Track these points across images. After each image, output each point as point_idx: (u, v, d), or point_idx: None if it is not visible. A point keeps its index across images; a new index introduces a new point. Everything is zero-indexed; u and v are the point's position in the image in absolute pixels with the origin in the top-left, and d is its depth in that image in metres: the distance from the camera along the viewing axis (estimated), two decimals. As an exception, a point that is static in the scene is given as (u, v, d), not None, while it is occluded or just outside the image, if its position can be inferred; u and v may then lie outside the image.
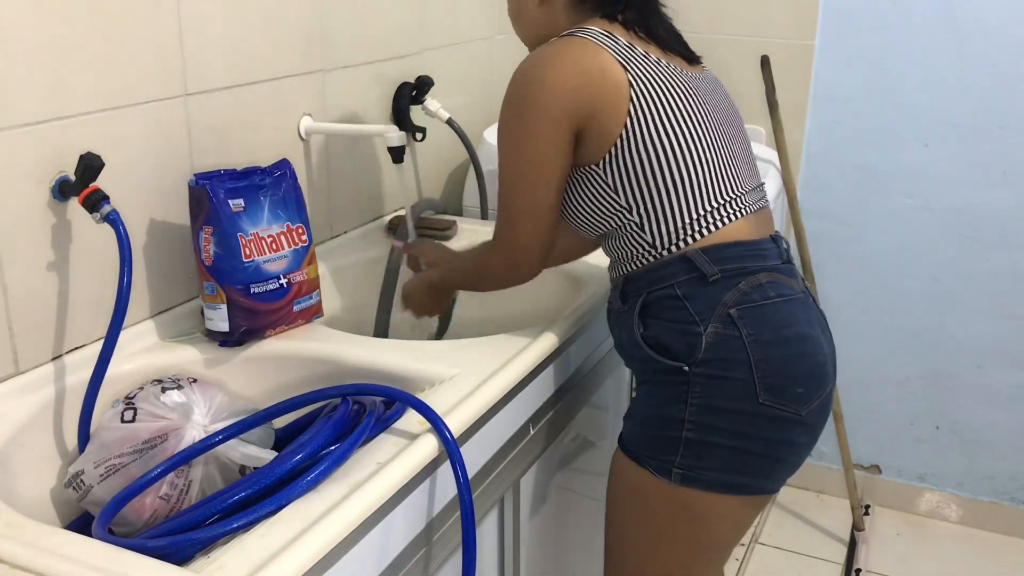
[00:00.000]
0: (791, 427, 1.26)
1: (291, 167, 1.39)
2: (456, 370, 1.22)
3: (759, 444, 1.26)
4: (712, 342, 1.23)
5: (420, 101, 1.87)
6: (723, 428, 1.24)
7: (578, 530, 1.66)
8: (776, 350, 1.24)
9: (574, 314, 1.43)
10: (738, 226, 1.27)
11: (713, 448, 1.25)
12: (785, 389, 1.24)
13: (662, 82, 1.25)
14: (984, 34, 2.23)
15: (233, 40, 1.42)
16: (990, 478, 2.53)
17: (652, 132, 1.23)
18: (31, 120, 1.13)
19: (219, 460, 1.11)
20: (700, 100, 1.28)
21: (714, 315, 1.23)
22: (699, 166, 1.25)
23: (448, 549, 1.14)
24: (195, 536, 0.91)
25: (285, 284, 1.33)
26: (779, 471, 1.31)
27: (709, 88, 1.33)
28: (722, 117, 1.31)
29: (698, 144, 1.25)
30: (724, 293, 1.24)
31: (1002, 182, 2.32)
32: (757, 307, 1.24)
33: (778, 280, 1.27)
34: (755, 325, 1.23)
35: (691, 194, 1.25)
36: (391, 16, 1.80)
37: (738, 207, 1.27)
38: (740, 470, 1.26)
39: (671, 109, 1.24)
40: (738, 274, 1.25)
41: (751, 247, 1.27)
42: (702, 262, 1.24)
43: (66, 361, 1.21)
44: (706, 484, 1.26)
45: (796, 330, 1.26)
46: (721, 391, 1.24)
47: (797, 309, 1.28)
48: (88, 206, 1.14)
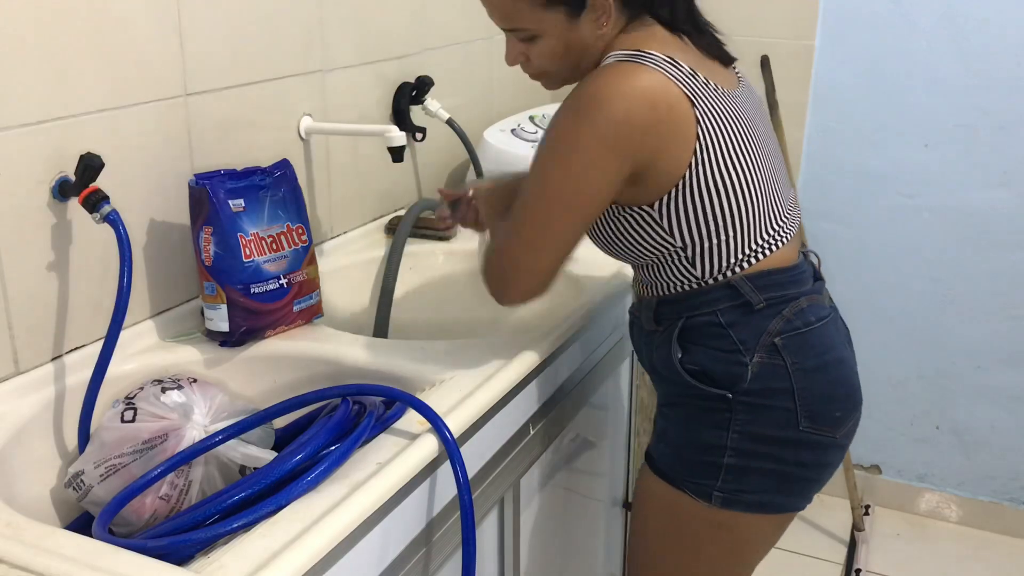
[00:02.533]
0: (826, 450, 1.27)
1: (291, 167, 1.39)
2: (456, 370, 1.22)
3: (796, 467, 1.26)
4: (758, 372, 1.22)
5: (420, 101, 1.87)
6: (764, 454, 1.24)
7: (578, 530, 1.66)
8: (818, 376, 1.24)
9: (574, 315, 1.43)
10: (782, 253, 1.25)
11: (753, 473, 1.25)
12: (825, 415, 1.25)
13: (724, 117, 1.19)
14: (984, 34, 2.23)
15: (233, 40, 1.42)
16: (990, 478, 2.53)
17: (714, 173, 1.18)
18: (31, 120, 1.13)
19: (219, 460, 1.11)
20: (750, 128, 1.23)
21: (759, 344, 1.22)
22: (753, 202, 1.21)
23: (448, 549, 1.14)
24: (195, 536, 0.91)
25: (285, 284, 1.33)
26: (811, 490, 1.32)
27: (749, 107, 1.27)
28: (763, 138, 1.26)
29: (752, 179, 1.21)
30: (769, 321, 1.22)
31: (1002, 182, 2.32)
32: (800, 335, 1.23)
33: (816, 302, 1.27)
34: (799, 353, 1.23)
35: (745, 230, 1.22)
36: (391, 16, 1.80)
37: (783, 235, 1.25)
38: (777, 491, 1.27)
39: (732, 147, 1.19)
40: (782, 301, 1.23)
41: (792, 272, 1.25)
42: (748, 291, 1.22)
43: (66, 361, 1.21)
44: (745, 506, 1.26)
45: (835, 354, 1.26)
46: (764, 419, 1.23)
47: (832, 330, 1.28)
48: (88, 206, 1.15)
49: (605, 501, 1.77)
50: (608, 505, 1.78)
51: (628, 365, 1.75)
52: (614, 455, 1.77)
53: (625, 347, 1.71)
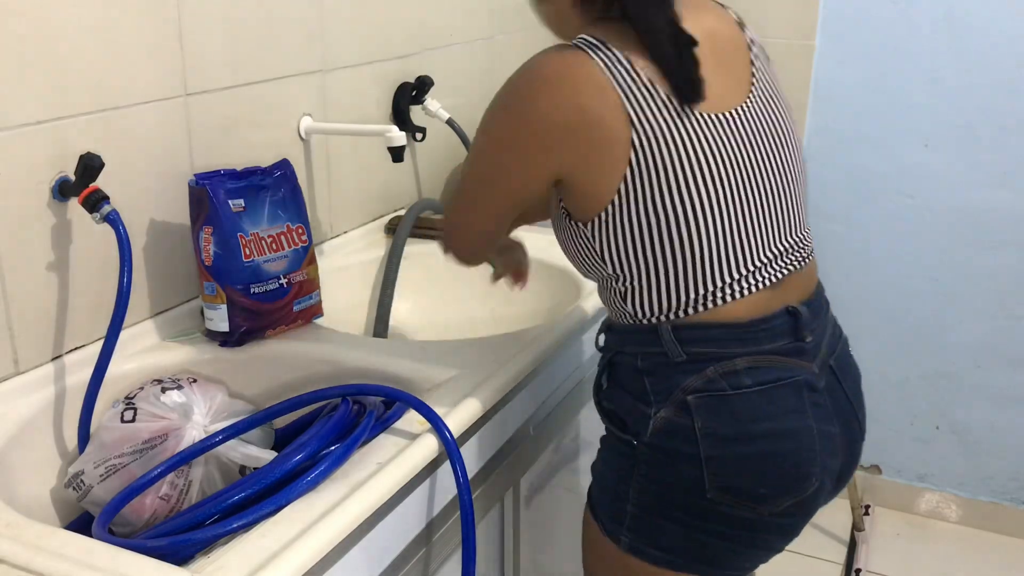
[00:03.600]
0: (752, 525, 1.13)
1: (291, 167, 1.39)
2: (456, 370, 1.22)
3: (714, 536, 1.14)
4: (660, 427, 1.11)
5: (420, 101, 1.87)
6: (670, 515, 1.14)
7: (578, 530, 1.66)
8: (735, 447, 1.10)
9: (574, 314, 1.43)
10: (737, 305, 1.10)
11: (660, 530, 1.15)
12: (742, 489, 1.11)
13: (675, 145, 1.05)
14: (984, 34, 2.23)
15: (233, 40, 1.42)
16: (990, 478, 2.53)
17: (647, 209, 1.06)
18: (31, 120, 1.13)
19: (219, 460, 1.11)
20: (724, 159, 1.08)
21: (670, 399, 1.10)
22: (699, 247, 1.08)
23: (448, 549, 1.14)
24: (195, 536, 0.91)
25: (285, 284, 1.33)
26: (740, 560, 1.19)
27: (748, 132, 1.11)
28: (756, 170, 1.11)
29: (704, 222, 1.07)
30: (686, 377, 1.10)
31: (1002, 182, 2.32)
32: (720, 397, 1.09)
33: (767, 365, 1.10)
34: (713, 417, 1.09)
35: (681, 277, 1.09)
36: (391, 16, 1.80)
37: (743, 286, 1.10)
38: (687, 553, 1.15)
39: (678, 181, 1.06)
40: (709, 359, 1.10)
41: (743, 329, 1.10)
42: (668, 341, 1.11)
43: (66, 361, 1.21)
44: (653, 560, 1.16)
45: (769, 425, 1.10)
46: (666, 479, 1.13)
47: (783, 398, 1.11)
48: (88, 206, 1.15)
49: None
50: (608, 505, 1.78)
51: (628, 365, 1.75)
52: (614, 455, 1.77)
53: (625, 347, 1.71)
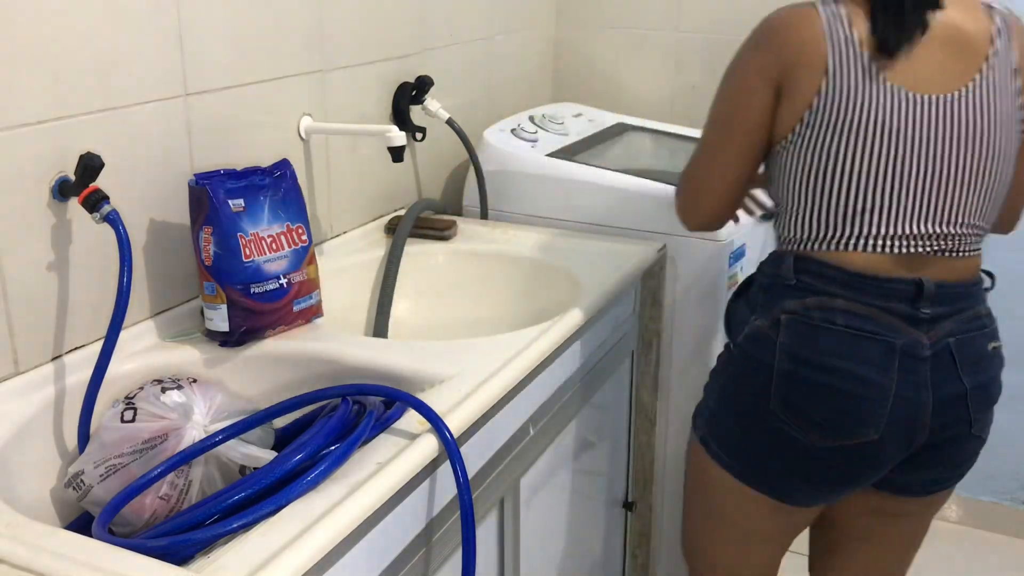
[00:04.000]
0: (798, 448, 1.26)
1: (291, 167, 1.39)
2: (456, 370, 1.22)
3: (760, 445, 1.29)
4: (751, 333, 1.29)
5: (420, 101, 1.87)
6: (735, 412, 1.32)
7: (578, 530, 1.66)
8: (805, 370, 1.23)
9: (574, 315, 1.43)
10: (857, 257, 1.24)
11: (724, 426, 1.34)
12: (798, 409, 1.24)
13: (853, 101, 1.20)
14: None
15: (233, 40, 1.42)
16: (990, 478, 2.53)
17: (810, 145, 1.23)
18: (31, 120, 1.13)
19: (219, 460, 1.11)
20: (893, 126, 1.20)
21: (769, 313, 1.27)
22: (842, 193, 1.23)
23: (448, 549, 1.14)
24: (195, 536, 0.91)
25: (285, 284, 1.33)
26: (789, 483, 1.31)
27: (937, 117, 1.21)
28: (926, 152, 1.21)
29: (853, 175, 1.22)
30: (789, 300, 1.26)
31: (1002, 182, 2.31)
32: (809, 324, 1.24)
33: (867, 315, 1.23)
34: (796, 338, 1.24)
35: (821, 215, 1.25)
36: (391, 16, 1.80)
37: (872, 243, 1.23)
38: (737, 456, 1.32)
39: (842, 130, 1.20)
40: (813, 291, 1.25)
41: (854, 277, 1.24)
42: (787, 265, 1.28)
43: (66, 361, 1.21)
44: (711, 452, 1.36)
45: (842, 363, 1.22)
46: (742, 380, 1.31)
47: (866, 348, 1.22)
48: (88, 206, 1.14)
49: (605, 501, 1.77)
50: (608, 505, 1.78)
51: (628, 365, 1.75)
52: (614, 455, 1.77)
53: (625, 347, 1.71)
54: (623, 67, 2.45)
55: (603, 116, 2.32)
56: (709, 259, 1.82)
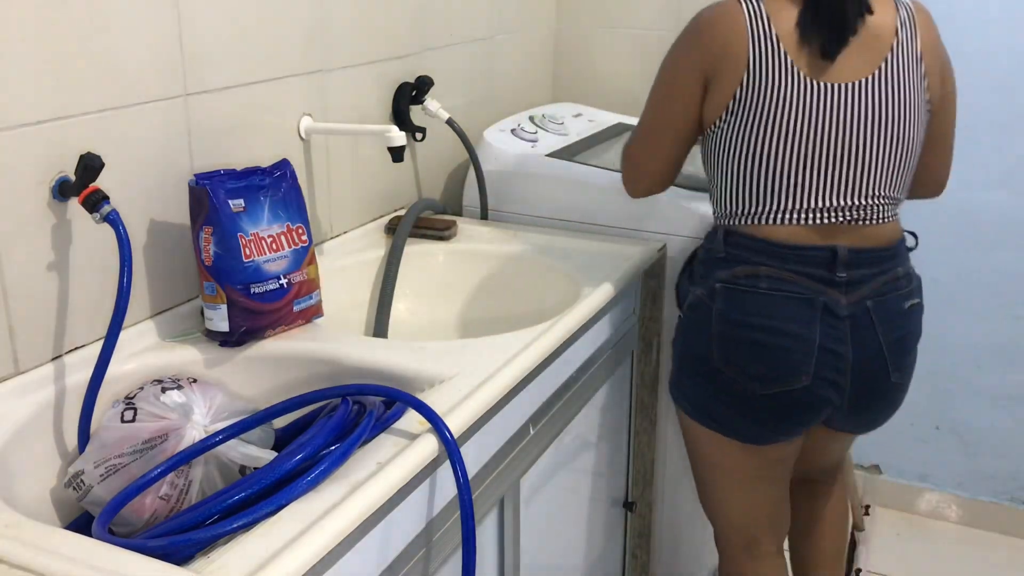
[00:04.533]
0: (745, 397, 1.45)
1: (291, 167, 1.39)
2: (456, 370, 1.22)
3: (715, 396, 1.49)
4: (693, 303, 1.50)
5: (420, 101, 1.87)
6: (691, 372, 1.52)
7: (578, 530, 1.66)
8: (739, 330, 1.43)
9: (574, 314, 1.43)
10: (778, 229, 1.41)
11: (687, 384, 1.54)
12: (738, 364, 1.43)
13: (773, 90, 1.35)
14: (983, 34, 2.22)
15: (233, 40, 1.42)
16: (990, 478, 2.53)
17: (737, 131, 1.39)
18: (31, 120, 1.13)
19: (219, 460, 1.11)
20: (808, 112, 1.36)
21: (706, 283, 1.47)
22: (763, 173, 1.40)
23: (448, 549, 1.14)
24: (195, 536, 0.91)
25: (285, 284, 1.33)
26: (749, 427, 1.49)
27: (847, 103, 1.37)
28: (838, 134, 1.37)
29: (773, 157, 1.38)
30: (720, 270, 1.45)
31: (1002, 182, 2.32)
32: (738, 291, 1.43)
33: (787, 279, 1.40)
34: (728, 303, 1.43)
35: (747, 192, 1.42)
36: (391, 16, 1.80)
37: (790, 216, 1.41)
38: (707, 411, 1.51)
39: (762, 116, 1.37)
40: (740, 261, 1.43)
41: (776, 247, 1.41)
42: (718, 240, 1.47)
43: (66, 361, 1.21)
44: (684, 409, 1.56)
45: (769, 322, 1.41)
46: (691, 344, 1.51)
47: (787, 306, 1.40)
48: (88, 206, 1.14)
49: (605, 501, 1.77)
50: (608, 505, 1.78)
51: (628, 365, 1.75)
52: (614, 455, 1.77)
53: (625, 347, 1.71)
54: (623, 67, 2.45)
55: (603, 116, 2.32)
56: (709, 259, 1.82)
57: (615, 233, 1.83)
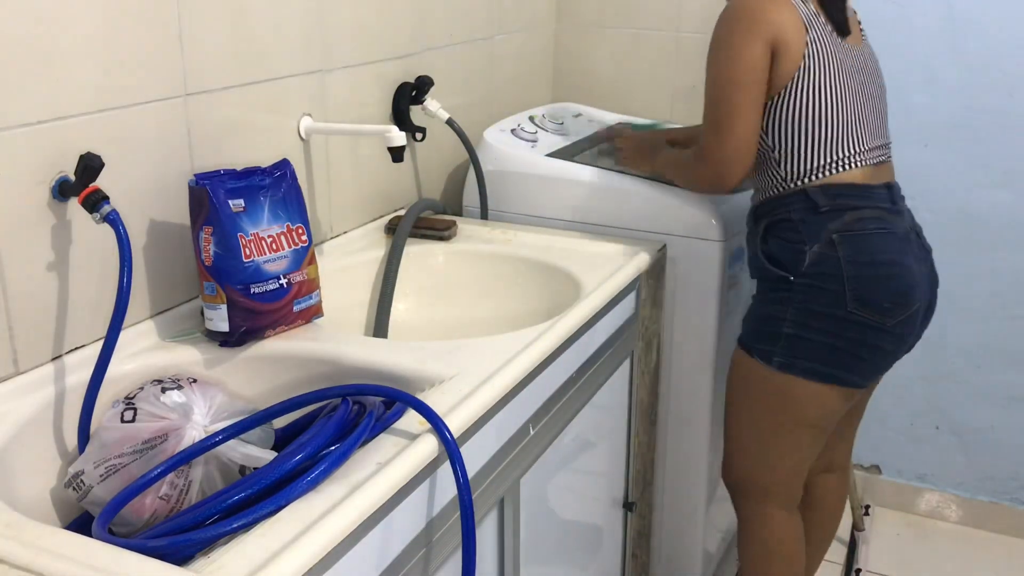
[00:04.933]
0: (876, 333, 1.57)
1: (291, 167, 1.39)
2: (456, 370, 1.22)
3: (847, 343, 1.57)
4: (814, 259, 1.56)
5: (420, 101, 1.87)
6: (817, 327, 1.57)
7: (578, 530, 1.66)
8: (868, 270, 1.54)
9: (574, 314, 1.43)
10: (855, 173, 1.58)
11: (807, 343, 1.58)
12: (872, 302, 1.55)
13: (829, 52, 1.57)
14: (983, 34, 2.22)
15: (233, 40, 1.42)
16: (990, 478, 2.53)
17: (807, 91, 1.56)
18: (31, 120, 1.13)
19: (219, 460, 1.11)
20: (850, 72, 1.60)
21: (820, 238, 1.55)
22: (835, 126, 1.57)
23: (448, 549, 1.14)
24: (195, 536, 0.91)
25: (285, 284, 1.33)
26: (864, 368, 1.61)
27: (860, 60, 1.65)
28: (864, 86, 1.63)
29: (839, 108, 1.57)
30: (831, 222, 1.55)
31: (1002, 182, 2.32)
32: (856, 235, 1.55)
33: (883, 217, 1.58)
34: (852, 248, 1.54)
35: (823, 146, 1.57)
36: (391, 16, 1.80)
37: (860, 160, 1.59)
38: (828, 362, 1.58)
39: (828, 77, 1.56)
40: (846, 208, 1.56)
41: (863, 189, 1.58)
42: (817, 195, 1.57)
43: (66, 361, 1.21)
44: (799, 371, 1.60)
45: (888, 256, 1.56)
46: (818, 299, 1.56)
47: (894, 241, 1.58)
48: (88, 206, 1.14)
49: (605, 501, 1.77)
50: (608, 505, 1.78)
51: (628, 365, 1.75)
52: (614, 455, 1.77)
53: (625, 347, 1.71)
54: (623, 67, 2.45)
55: (603, 116, 2.32)
56: (709, 259, 1.82)
57: (615, 233, 1.83)
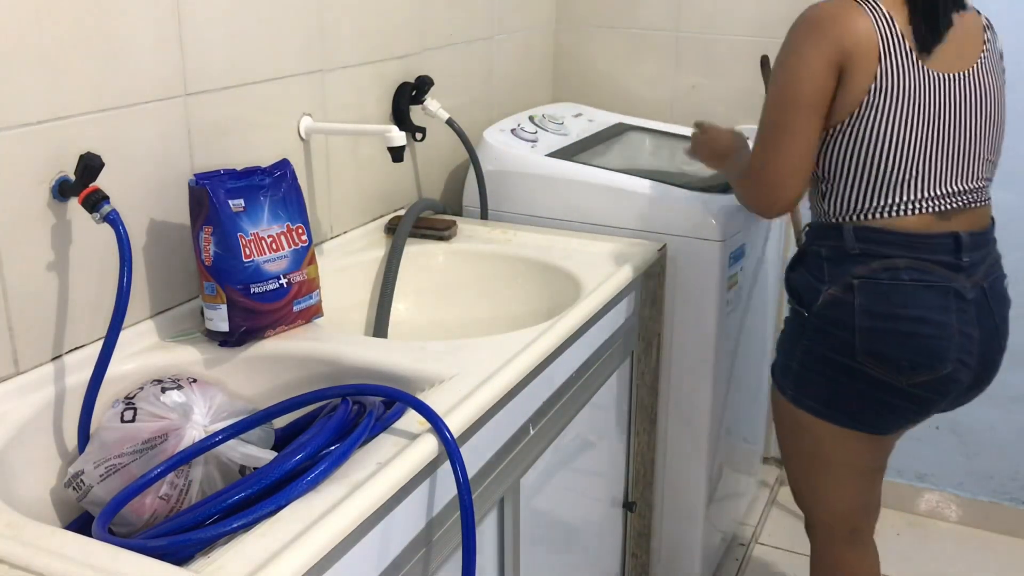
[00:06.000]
0: (890, 391, 1.48)
1: (291, 167, 1.39)
2: (456, 370, 1.22)
3: (854, 394, 1.50)
4: (828, 300, 1.48)
5: (420, 101, 1.87)
6: (822, 370, 1.52)
7: (578, 530, 1.66)
8: (885, 323, 1.45)
9: (574, 314, 1.43)
10: (907, 220, 1.46)
11: (813, 383, 1.54)
12: (888, 358, 1.45)
13: (906, 86, 1.41)
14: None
15: (233, 40, 1.42)
16: (990, 478, 2.53)
17: (867, 127, 1.43)
18: (31, 120, 1.13)
19: (219, 460, 1.11)
20: (932, 104, 1.43)
21: (839, 281, 1.47)
22: (892, 167, 1.44)
23: (448, 549, 1.14)
24: (195, 536, 0.91)
25: (285, 284, 1.33)
26: (875, 422, 1.54)
27: (960, 92, 1.46)
28: (956, 122, 1.46)
29: (904, 149, 1.43)
30: (856, 266, 1.46)
31: (1002, 182, 2.31)
32: (879, 284, 1.45)
33: (925, 269, 1.45)
34: (869, 298, 1.45)
35: (872, 188, 1.45)
36: (391, 16, 1.80)
37: (915, 206, 1.45)
38: (832, 405, 1.53)
39: (894, 111, 1.41)
40: (876, 256, 1.46)
41: (911, 238, 1.45)
42: (849, 237, 1.47)
43: (66, 361, 1.21)
44: (808, 408, 1.56)
45: (914, 312, 1.44)
46: (825, 342, 1.50)
47: (929, 296, 1.45)
48: (88, 206, 1.14)
49: (605, 501, 1.77)
50: (608, 505, 1.78)
51: (628, 365, 1.75)
52: (614, 455, 1.77)
53: (625, 347, 1.71)
54: (623, 67, 2.45)
55: (603, 116, 2.32)
56: (709, 259, 1.82)
57: (615, 233, 1.83)
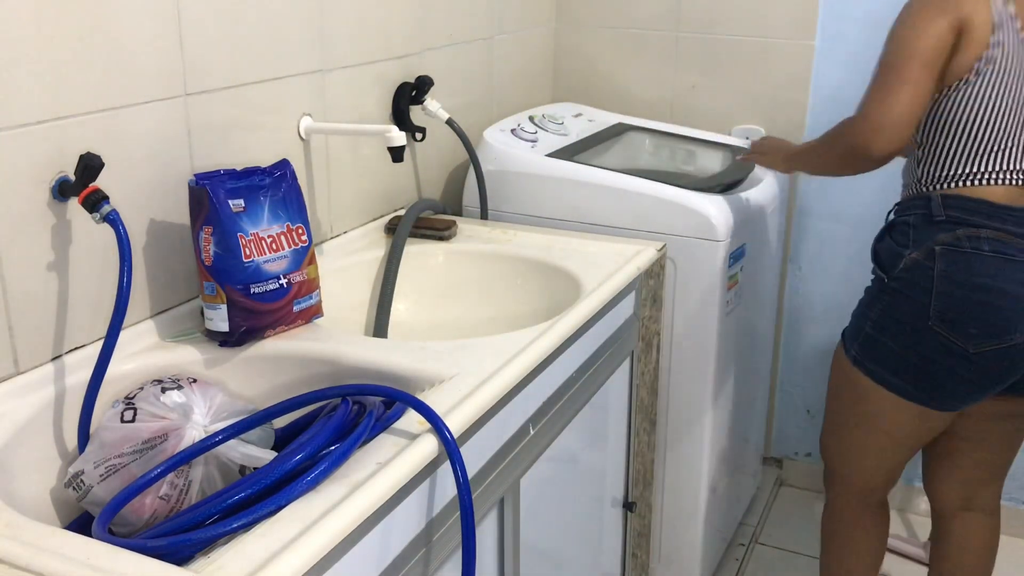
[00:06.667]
0: (956, 358, 1.52)
1: (291, 167, 1.39)
2: (456, 370, 1.22)
3: (921, 360, 1.54)
4: (909, 264, 1.54)
5: (420, 101, 1.87)
6: (894, 334, 1.56)
7: (578, 530, 1.66)
8: (961, 290, 1.49)
9: (574, 314, 1.43)
10: (995, 190, 1.51)
11: (881, 347, 1.58)
12: (957, 324, 1.50)
13: (1011, 57, 1.48)
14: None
15: (233, 40, 1.42)
16: (990, 478, 2.52)
17: (972, 96, 1.49)
18: (31, 120, 1.13)
19: (219, 460, 1.11)
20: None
21: (923, 247, 1.52)
22: (987, 137, 1.50)
23: (448, 549, 1.14)
24: (195, 536, 0.91)
25: (285, 284, 1.33)
26: (936, 392, 1.57)
27: None
28: None
29: (999, 120, 1.50)
30: (940, 233, 1.51)
31: (1002, 182, 2.31)
32: (961, 252, 1.50)
33: (1007, 240, 1.50)
34: (950, 264, 1.50)
35: (965, 156, 1.51)
36: (391, 16, 1.80)
37: (1005, 177, 1.51)
38: (896, 372, 1.58)
39: (997, 81, 1.49)
40: (961, 223, 1.50)
41: (996, 208, 1.51)
42: (936, 205, 1.53)
43: (66, 361, 1.21)
44: (867, 371, 1.62)
45: (992, 282, 1.49)
46: (902, 306, 1.55)
47: (1007, 267, 1.49)
48: (88, 206, 1.15)
49: (605, 501, 1.77)
50: (608, 505, 1.78)
51: (628, 365, 1.75)
52: (614, 455, 1.77)
53: (625, 347, 1.71)
54: (623, 67, 2.45)
55: (603, 116, 2.32)
56: (709, 259, 1.82)
57: (615, 233, 1.83)
